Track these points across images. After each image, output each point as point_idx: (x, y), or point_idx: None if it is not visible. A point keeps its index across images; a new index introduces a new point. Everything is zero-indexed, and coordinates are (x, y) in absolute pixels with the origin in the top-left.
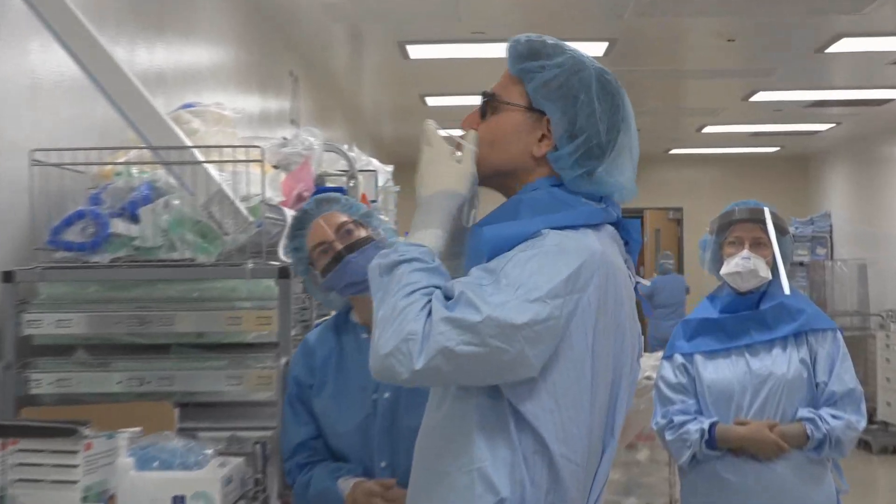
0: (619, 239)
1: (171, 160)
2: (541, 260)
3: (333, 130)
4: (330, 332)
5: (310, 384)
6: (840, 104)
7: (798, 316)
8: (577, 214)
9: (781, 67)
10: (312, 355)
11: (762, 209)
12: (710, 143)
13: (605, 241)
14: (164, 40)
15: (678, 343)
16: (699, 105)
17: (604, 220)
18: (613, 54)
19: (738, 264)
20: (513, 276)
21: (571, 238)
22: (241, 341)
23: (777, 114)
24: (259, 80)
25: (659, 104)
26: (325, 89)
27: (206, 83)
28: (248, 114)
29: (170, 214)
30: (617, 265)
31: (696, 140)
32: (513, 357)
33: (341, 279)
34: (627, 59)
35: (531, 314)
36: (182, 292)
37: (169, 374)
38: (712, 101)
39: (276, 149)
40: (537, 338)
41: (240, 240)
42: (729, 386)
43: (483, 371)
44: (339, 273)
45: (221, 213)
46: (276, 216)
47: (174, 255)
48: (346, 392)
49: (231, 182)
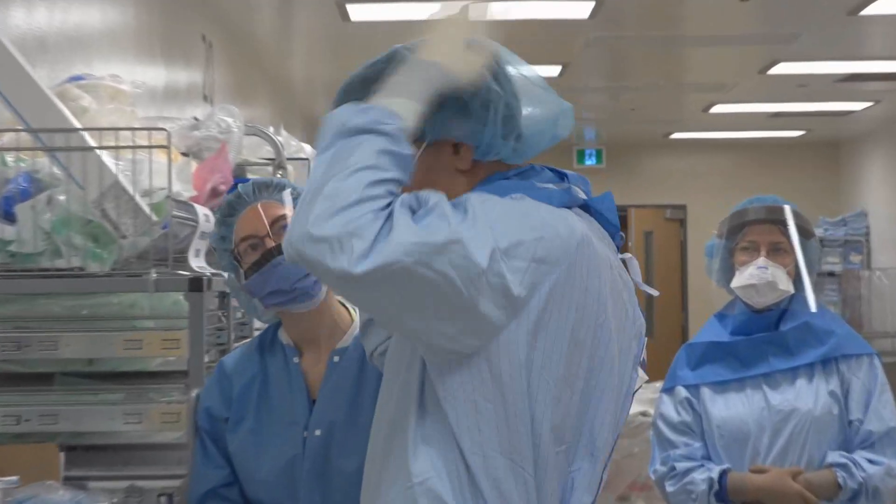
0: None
1: (55, 146)
2: (508, 209)
3: (256, 109)
4: (252, 355)
5: (224, 418)
6: (878, 78)
7: (826, 339)
8: (536, 196)
9: (807, 33)
10: (229, 382)
11: (782, 207)
12: (719, 125)
13: (587, 224)
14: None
15: (681, 372)
16: (706, 79)
17: (568, 202)
18: (599, 17)
19: (753, 275)
20: (479, 209)
21: (547, 209)
22: (143, 370)
23: (801, 90)
24: (164, 46)
25: (656, 79)
26: (246, 58)
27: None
28: (150, 88)
29: (54, 213)
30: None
31: (703, 122)
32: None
33: (265, 284)
34: (616, 24)
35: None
36: (69, 309)
37: (53, 411)
38: (722, 75)
39: (185, 132)
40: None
41: (141, 244)
42: (743, 425)
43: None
44: (265, 276)
45: (118, 211)
46: (185, 215)
47: (59, 264)
48: (270, 428)
49: (130, 173)
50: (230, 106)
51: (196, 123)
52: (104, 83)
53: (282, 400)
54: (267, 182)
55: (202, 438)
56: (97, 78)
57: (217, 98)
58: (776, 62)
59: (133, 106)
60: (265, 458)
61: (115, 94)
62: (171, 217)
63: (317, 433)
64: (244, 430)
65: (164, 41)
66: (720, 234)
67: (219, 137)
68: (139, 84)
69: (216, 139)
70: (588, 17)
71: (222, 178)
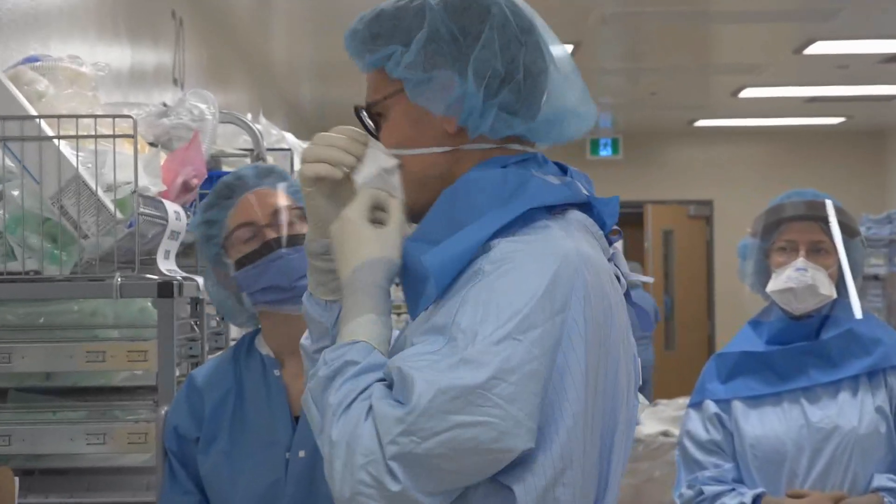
0: (594, 227)
1: (7, 135)
2: (495, 288)
3: (232, 94)
4: (226, 366)
5: (195, 438)
6: None
7: (873, 348)
8: (531, 195)
9: (848, 7)
10: (199, 398)
11: (823, 202)
12: (749, 111)
13: (575, 232)
14: None
15: (710, 386)
16: (735, 60)
17: (567, 199)
18: None
19: (792, 278)
20: (466, 324)
21: (529, 243)
22: (106, 385)
23: (842, 72)
24: (130, 23)
25: (680, 59)
26: (220, 37)
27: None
28: (114, 71)
29: (6, 210)
30: (598, 263)
31: (732, 108)
32: (496, 429)
33: (260, 278)
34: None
35: (497, 363)
36: (23, 317)
37: (6, 431)
38: (753, 55)
39: (153, 119)
40: (518, 391)
41: (104, 245)
42: (780, 444)
43: (471, 461)
44: (261, 269)
45: (78, 208)
46: (153, 212)
47: (13, 267)
48: (247, 449)
49: (92, 166)
50: (203, 91)
51: (165, 110)
52: (63, 65)
53: (260, 417)
54: (270, 168)
55: (170, 461)
56: (55, 59)
57: (189, 82)
58: (813, 41)
59: (95, 90)
60: (241, 482)
61: (74, 77)
62: (137, 215)
63: (301, 455)
64: (217, 452)
65: (129, 18)
66: (754, 233)
67: (191, 126)
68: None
69: (188, 127)
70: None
71: (194, 170)
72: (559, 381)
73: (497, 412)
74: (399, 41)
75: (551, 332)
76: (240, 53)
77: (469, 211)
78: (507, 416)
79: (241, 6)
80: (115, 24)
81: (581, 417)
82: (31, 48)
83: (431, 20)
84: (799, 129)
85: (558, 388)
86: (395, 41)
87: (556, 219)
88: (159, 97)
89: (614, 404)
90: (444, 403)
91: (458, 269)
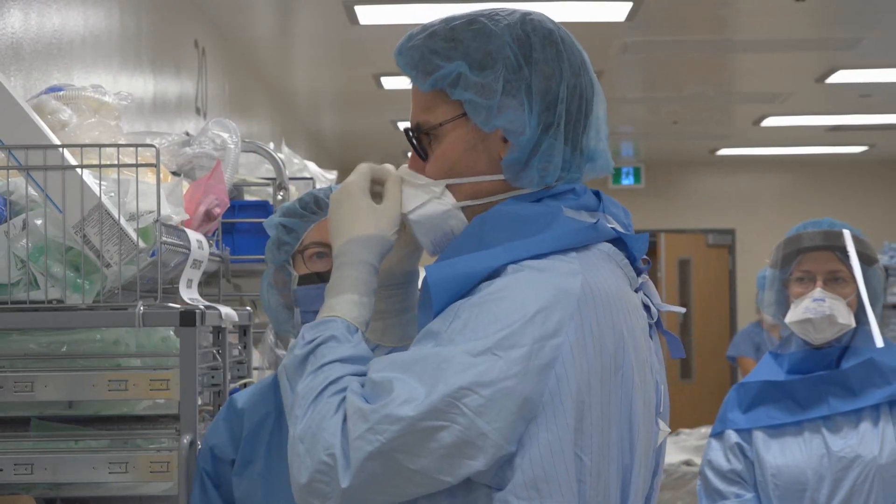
0: (618, 256)
1: (31, 164)
2: (487, 305)
3: (255, 123)
4: (268, 390)
5: (231, 459)
6: None
7: (893, 378)
8: (555, 236)
9: (870, 36)
10: (239, 420)
11: (840, 232)
12: (771, 140)
13: (597, 262)
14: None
15: (731, 415)
16: (757, 89)
17: (588, 241)
18: (637, 19)
19: (809, 308)
20: (450, 334)
21: (537, 267)
22: (129, 413)
23: (865, 101)
24: (152, 53)
25: (701, 88)
26: (242, 66)
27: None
28: (137, 100)
29: (30, 239)
30: (615, 293)
31: (753, 137)
32: (459, 436)
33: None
34: (657, 26)
35: (473, 374)
36: (46, 346)
37: (28, 459)
38: (775, 84)
39: (176, 148)
40: (489, 405)
41: (126, 274)
42: (800, 474)
43: (432, 464)
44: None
45: (101, 237)
46: (176, 241)
47: (35, 295)
48: (283, 472)
49: (114, 195)
50: (226, 120)
51: (188, 139)
52: (86, 94)
53: None
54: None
55: (202, 481)
56: (78, 89)
57: (211, 111)
58: (835, 69)
59: (118, 120)
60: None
61: (97, 106)
62: (160, 244)
63: None
64: (253, 474)
65: (152, 48)
66: (773, 264)
67: (213, 155)
68: (125, 95)
69: (210, 157)
70: (625, 19)
71: (217, 200)
72: (549, 405)
73: (463, 420)
74: (461, 61)
75: (539, 354)
76: (262, 83)
77: (493, 243)
78: (472, 426)
79: (263, 36)
80: (137, 54)
81: (569, 443)
82: (54, 78)
83: (499, 45)
84: (821, 157)
85: (547, 411)
86: (456, 61)
87: (578, 251)
88: (182, 126)
89: (631, 430)
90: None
91: (458, 290)
